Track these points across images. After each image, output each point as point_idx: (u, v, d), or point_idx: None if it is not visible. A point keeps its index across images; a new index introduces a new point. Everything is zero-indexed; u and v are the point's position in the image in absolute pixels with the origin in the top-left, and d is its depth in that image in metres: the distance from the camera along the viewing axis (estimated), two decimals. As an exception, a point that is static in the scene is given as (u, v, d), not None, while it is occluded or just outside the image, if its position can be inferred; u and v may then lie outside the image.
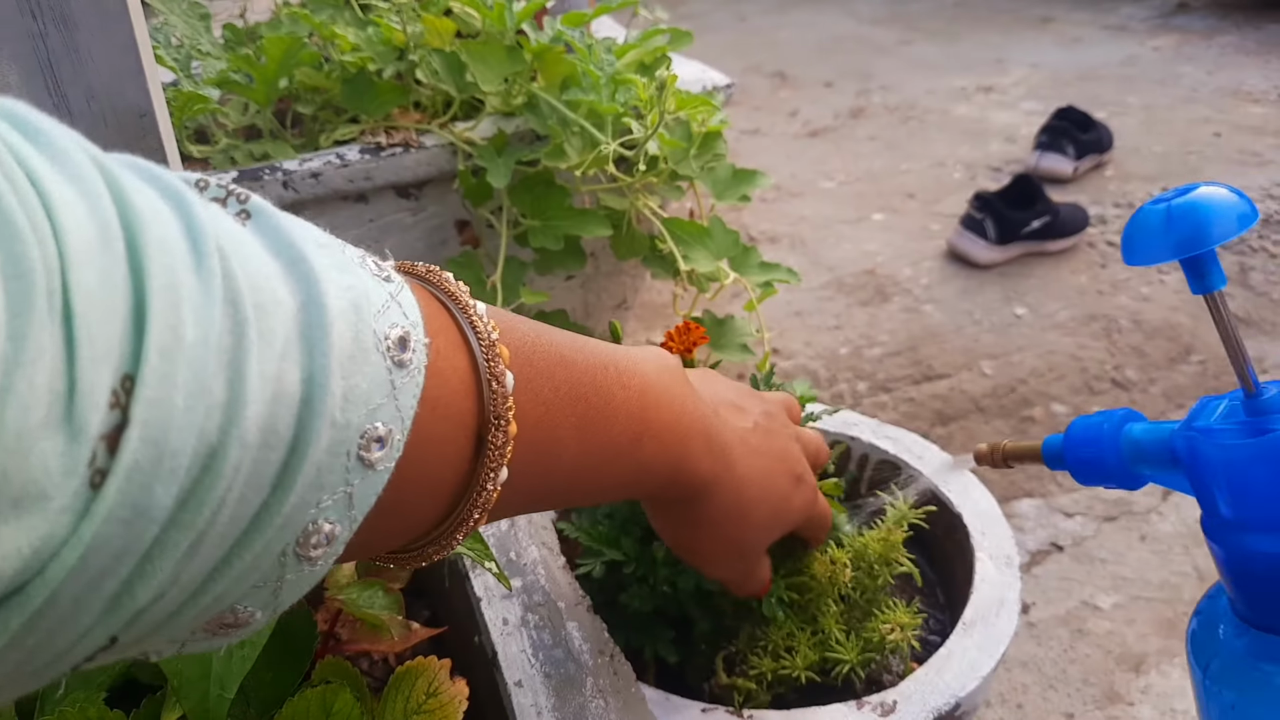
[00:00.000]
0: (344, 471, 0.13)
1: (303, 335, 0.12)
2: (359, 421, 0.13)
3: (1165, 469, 0.20)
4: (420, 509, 0.16)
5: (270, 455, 0.11)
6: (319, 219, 0.63)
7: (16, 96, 0.38)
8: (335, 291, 0.12)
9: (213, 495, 0.11)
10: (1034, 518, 0.69)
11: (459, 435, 0.15)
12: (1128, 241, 0.20)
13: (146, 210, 0.11)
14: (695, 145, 0.53)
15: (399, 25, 0.56)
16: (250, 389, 0.11)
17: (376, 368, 0.13)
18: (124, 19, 0.33)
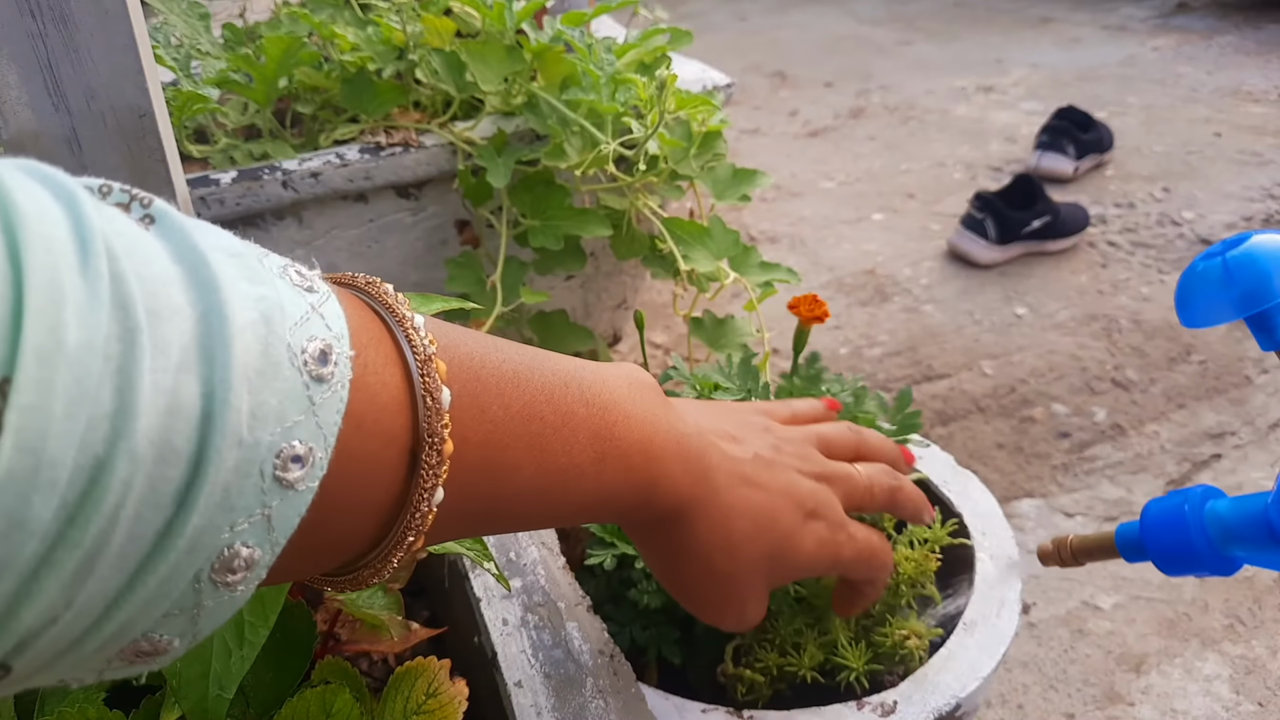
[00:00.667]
0: (259, 493, 0.12)
1: (202, 347, 0.11)
2: (271, 440, 0.12)
3: (1263, 548, 0.17)
4: (350, 531, 0.15)
5: (168, 472, 0.11)
6: (319, 219, 0.63)
7: (16, 96, 0.38)
8: (241, 302, 0.12)
9: (100, 511, 0.10)
10: (1035, 518, 0.69)
11: (389, 454, 0.14)
12: (1183, 302, 0.18)
13: (29, 206, 0.10)
14: (695, 145, 0.53)
15: (399, 25, 0.56)
16: (141, 399, 0.10)
17: (290, 383, 0.12)
18: (123, 19, 0.33)
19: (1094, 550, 0.21)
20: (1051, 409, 0.80)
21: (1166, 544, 0.19)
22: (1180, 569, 0.19)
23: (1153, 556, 0.19)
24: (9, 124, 0.34)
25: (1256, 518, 0.18)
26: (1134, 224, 1.09)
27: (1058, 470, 0.73)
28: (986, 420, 0.79)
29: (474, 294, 0.53)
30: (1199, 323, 0.18)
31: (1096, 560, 0.22)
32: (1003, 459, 0.75)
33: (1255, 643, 0.58)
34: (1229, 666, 0.56)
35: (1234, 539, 0.18)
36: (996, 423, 0.78)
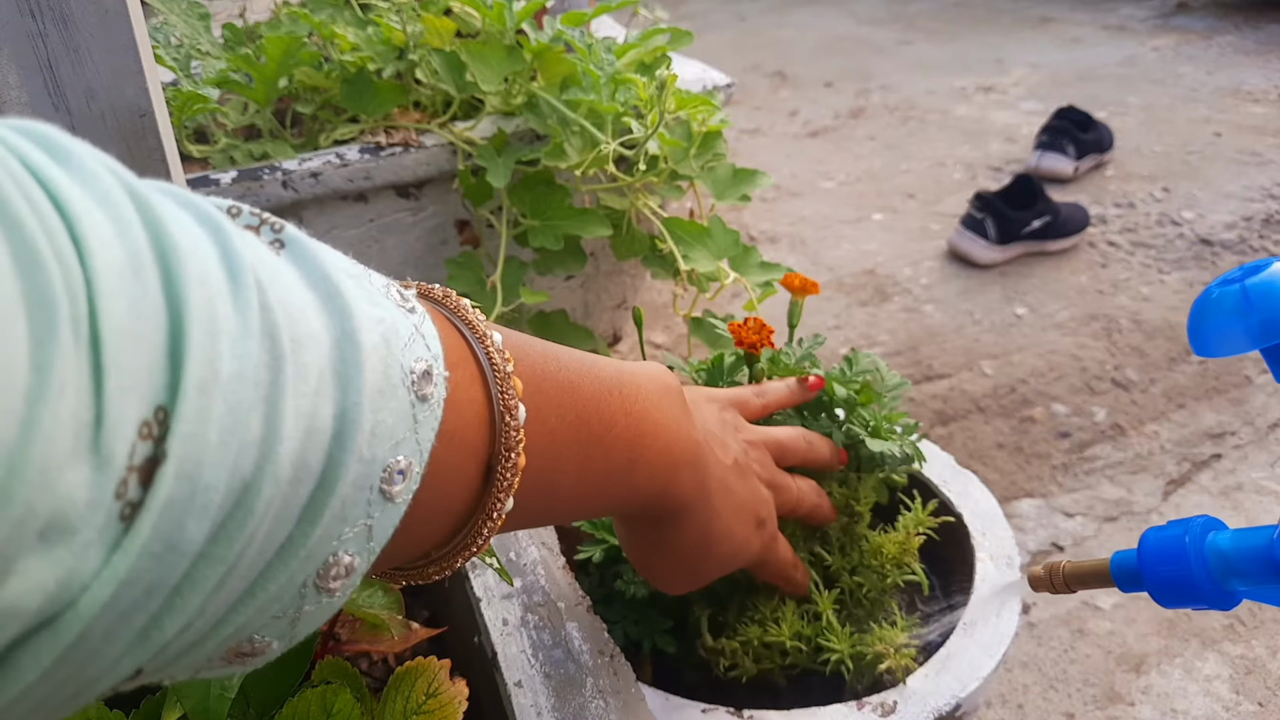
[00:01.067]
0: (366, 505, 0.13)
1: (337, 371, 0.12)
2: (383, 456, 0.13)
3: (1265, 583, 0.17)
4: (426, 534, 0.16)
5: (300, 490, 0.11)
6: (319, 218, 0.63)
7: (16, 96, 0.38)
8: (368, 326, 0.12)
9: (244, 531, 0.11)
10: (1034, 518, 0.69)
11: (469, 465, 0.16)
12: (1197, 331, 0.17)
13: (183, 239, 0.10)
14: (695, 145, 0.53)
15: (399, 25, 0.56)
16: (285, 425, 0.11)
17: (402, 402, 0.13)
18: (123, 19, 0.33)
19: (1087, 578, 0.21)
20: (1051, 409, 0.80)
21: (1165, 576, 0.18)
22: (1178, 601, 0.19)
23: (1150, 588, 0.19)
24: (9, 124, 0.34)
25: (1260, 552, 0.17)
26: (1134, 224, 1.09)
27: (1058, 470, 0.73)
28: (986, 420, 0.79)
29: (474, 294, 0.53)
30: (1213, 351, 0.17)
31: (1089, 588, 0.21)
32: (1003, 459, 0.75)
33: (1255, 643, 0.58)
34: (1229, 666, 0.56)
35: (1235, 573, 0.17)
36: (996, 423, 0.78)
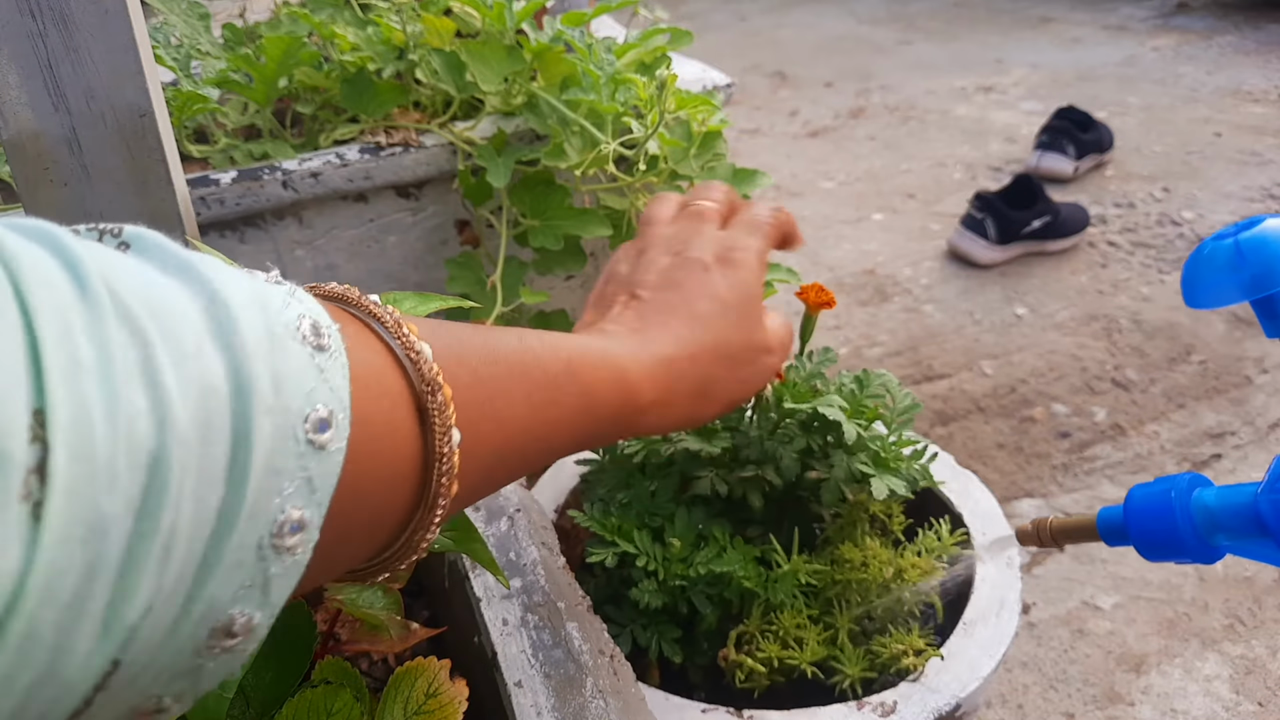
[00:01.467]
0: (297, 457, 0.13)
1: (213, 333, 0.12)
2: (298, 406, 0.13)
3: (1248, 538, 0.17)
4: (388, 489, 0.16)
5: (215, 450, 0.12)
6: (319, 219, 0.63)
7: (16, 96, 0.38)
8: (233, 289, 0.13)
9: (167, 498, 0.11)
10: (1034, 517, 0.69)
11: (400, 412, 0.16)
12: (1190, 282, 0.18)
13: (22, 253, 0.11)
14: (695, 145, 0.53)
15: (399, 25, 0.56)
16: (170, 390, 0.11)
17: (297, 354, 0.13)
18: (123, 19, 0.33)
19: (1074, 533, 0.21)
20: (1051, 409, 0.80)
21: (1150, 530, 0.19)
22: (1162, 555, 0.19)
23: (1135, 542, 0.19)
24: (9, 124, 0.34)
25: (1244, 508, 0.17)
26: (1134, 224, 1.09)
27: (1058, 470, 0.73)
28: (986, 420, 0.79)
29: (474, 294, 0.53)
30: (1204, 303, 0.18)
31: (1076, 542, 0.21)
32: (1003, 459, 0.75)
33: (1255, 643, 0.58)
34: (1229, 666, 0.56)
35: (1219, 528, 0.18)
36: (996, 423, 0.78)
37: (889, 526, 0.37)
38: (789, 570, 0.33)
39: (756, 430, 0.35)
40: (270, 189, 0.52)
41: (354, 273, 0.58)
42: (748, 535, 0.36)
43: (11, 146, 0.35)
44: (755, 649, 0.33)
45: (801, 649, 0.32)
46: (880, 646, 0.33)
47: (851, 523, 0.36)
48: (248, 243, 0.54)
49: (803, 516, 0.37)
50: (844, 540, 0.35)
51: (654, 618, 0.34)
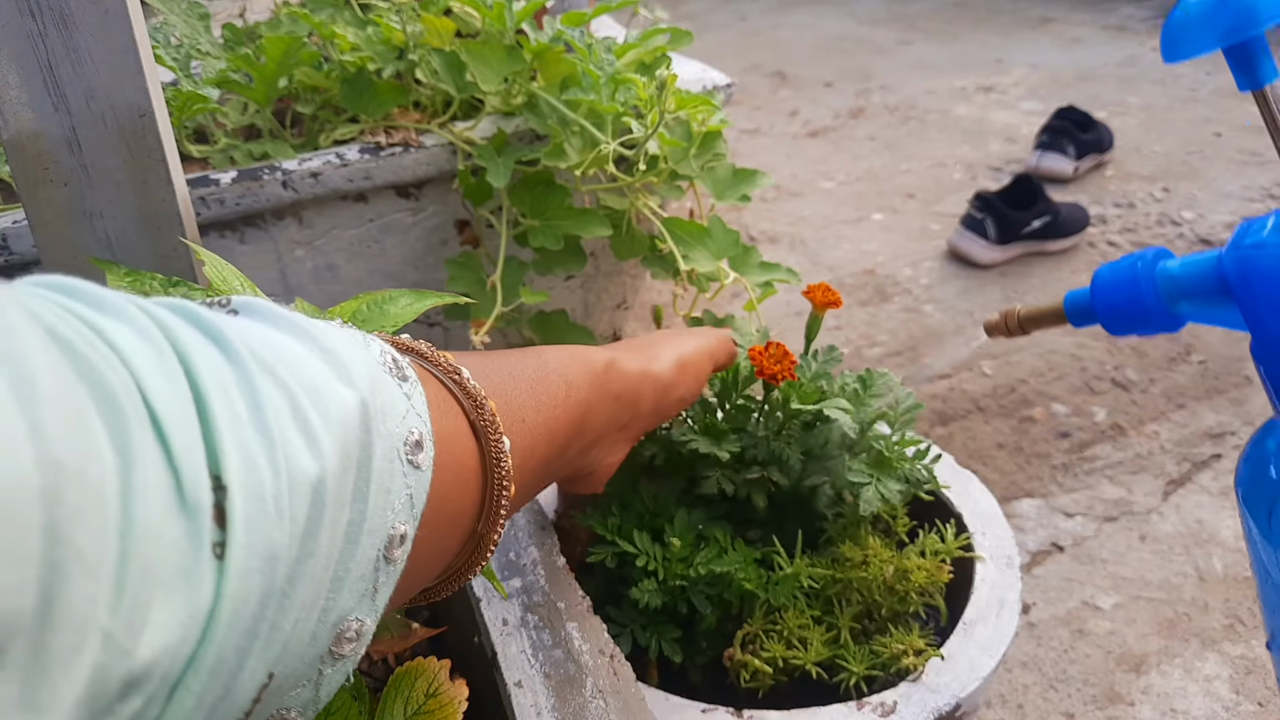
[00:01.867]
0: (402, 475, 0.15)
1: (337, 375, 0.14)
2: (399, 431, 0.15)
3: (1209, 302, 0.18)
4: (460, 496, 0.18)
5: (348, 477, 0.14)
6: (319, 218, 0.63)
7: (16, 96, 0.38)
8: (336, 338, 0.15)
9: (323, 523, 0.13)
10: (1034, 518, 0.69)
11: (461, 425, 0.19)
12: (1169, 37, 0.18)
13: (178, 327, 0.13)
14: (695, 145, 0.53)
15: (398, 25, 0.56)
16: (318, 428, 0.13)
17: (391, 385, 0.16)
18: (123, 19, 0.33)
19: (1041, 318, 0.21)
20: (1051, 409, 0.80)
21: (1116, 302, 0.19)
22: (1127, 327, 0.19)
23: (1101, 317, 0.20)
24: (9, 124, 0.34)
25: (1208, 271, 0.18)
26: (1134, 224, 1.09)
27: (1057, 470, 0.73)
28: (986, 420, 0.79)
29: (474, 293, 0.53)
30: (1182, 55, 0.18)
31: (1043, 328, 0.21)
32: (1003, 459, 0.75)
33: (1255, 643, 0.58)
34: (1229, 667, 0.56)
35: (1183, 294, 0.18)
36: (996, 423, 0.78)
37: (892, 528, 0.37)
38: (792, 573, 0.33)
39: (763, 430, 0.35)
40: (270, 189, 0.52)
41: (354, 272, 0.59)
42: (749, 537, 0.36)
43: (11, 146, 0.35)
44: (760, 649, 0.33)
45: (806, 649, 0.32)
46: (881, 646, 0.33)
47: (854, 522, 0.36)
48: (248, 243, 0.54)
49: (804, 515, 0.37)
50: (845, 540, 0.35)
51: (654, 617, 0.34)
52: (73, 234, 0.36)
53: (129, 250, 0.37)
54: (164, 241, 0.37)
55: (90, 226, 0.37)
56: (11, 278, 0.41)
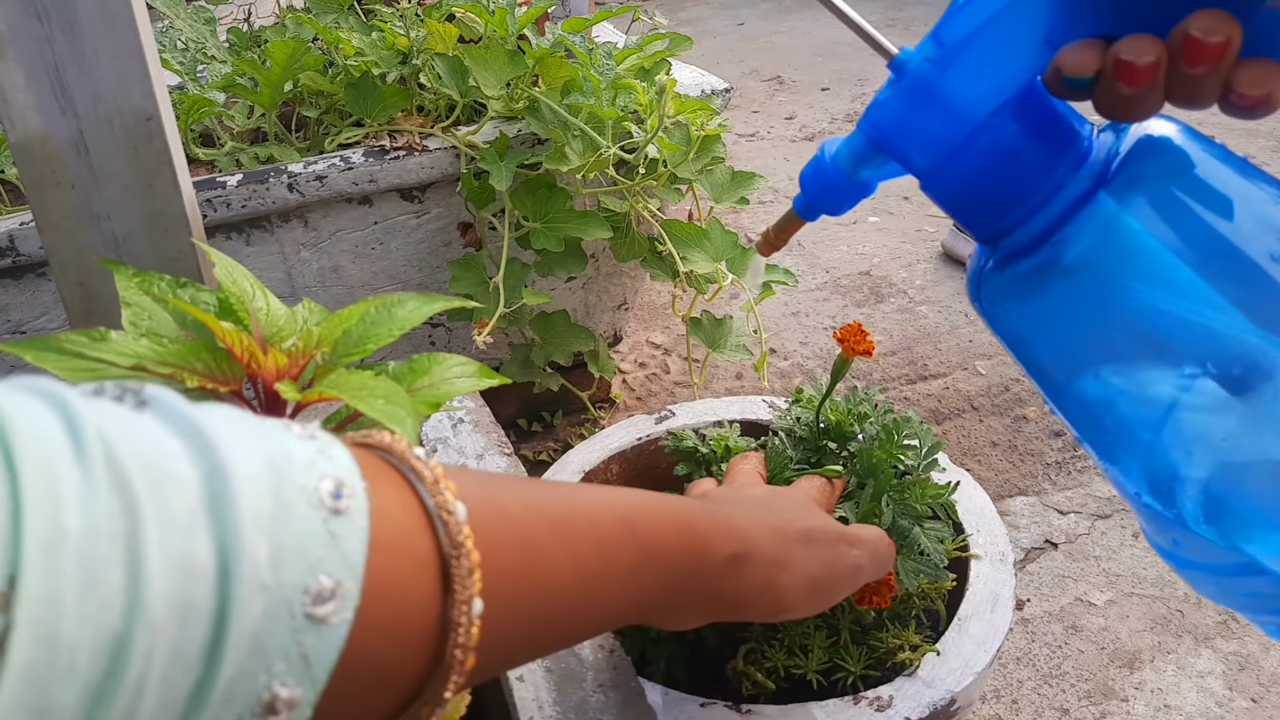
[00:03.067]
0: (291, 632, 0.12)
1: (208, 506, 0.12)
2: (297, 579, 0.12)
3: (874, 162, 0.21)
4: (396, 661, 0.15)
5: (191, 633, 0.11)
6: (324, 221, 0.63)
7: (23, 100, 0.38)
8: (244, 456, 0.12)
9: (123, 684, 0.10)
10: (1028, 515, 0.70)
11: (423, 576, 0.15)
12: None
13: (15, 412, 0.11)
14: (694, 149, 0.54)
15: (402, 30, 0.57)
16: (150, 570, 0.11)
17: (308, 521, 0.13)
18: (130, 23, 0.34)
19: (786, 225, 0.25)
20: (1045, 408, 0.80)
21: (818, 189, 0.22)
22: (836, 206, 0.23)
23: (818, 205, 0.23)
24: (16, 127, 0.35)
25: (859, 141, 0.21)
26: (1127, 226, 1.10)
27: (1051, 468, 0.74)
28: (980, 419, 0.79)
29: (477, 295, 0.53)
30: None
31: (791, 233, 0.25)
32: (996, 457, 0.75)
33: (1248, 639, 0.58)
34: (1222, 663, 0.57)
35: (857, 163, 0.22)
36: (990, 421, 0.79)
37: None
38: None
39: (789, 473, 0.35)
40: (276, 192, 0.52)
41: (359, 274, 0.59)
42: None
43: (19, 149, 0.35)
44: (761, 658, 0.33)
45: (807, 657, 0.33)
46: (877, 641, 0.33)
47: None
48: (254, 245, 0.55)
49: None
50: None
51: (661, 637, 0.34)
52: (80, 236, 0.37)
53: (136, 252, 0.38)
54: (171, 244, 0.38)
55: (97, 228, 0.37)
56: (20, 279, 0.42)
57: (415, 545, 0.15)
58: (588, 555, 0.18)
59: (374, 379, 0.23)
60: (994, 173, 0.20)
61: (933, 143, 0.19)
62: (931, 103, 0.19)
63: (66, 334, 0.22)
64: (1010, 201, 0.20)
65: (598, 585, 0.18)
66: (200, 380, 0.22)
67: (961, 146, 0.19)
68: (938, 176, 0.20)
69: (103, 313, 0.37)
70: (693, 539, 0.20)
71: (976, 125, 0.19)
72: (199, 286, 0.30)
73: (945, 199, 0.20)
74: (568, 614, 0.18)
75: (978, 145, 0.19)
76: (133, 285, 0.28)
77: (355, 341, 0.26)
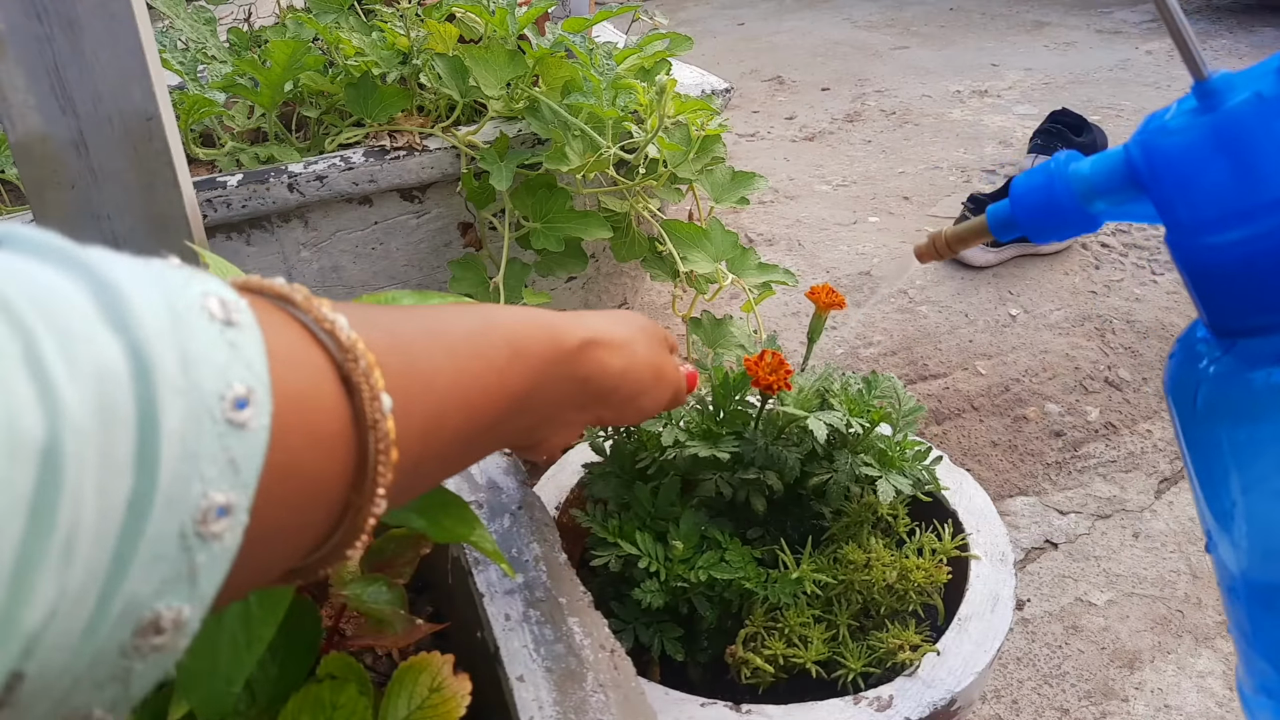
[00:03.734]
0: (216, 438, 0.12)
1: (105, 317, 0.11)
2: (212, 386, 0.12)
3: (1121, 195, 0.18)
4: (319, 467, 0.15)
5: (118, 436, 0.11)
6: (324, 221, 0.63)
7: (23, 100, 0.38)
8: (123, 272, 0.12)
9: (63, 493, 0.10)
10: (1028, 515, 0.70)
11: (324, 382, 0.15)
12: None
13: None
14: (694, 149, 0.54)
15: (402, 30, 0.57)
16: (58, 378, 0.10)
17: (206, 331, 0.13)
18: (130, 23, 0.34)
19: (968, 237, 0.22)
20: (1045, 408, 0.80)
21: (1034, 208, 0.19)
22: (1048, 232, 0.19)
23: (1022, 225, 0.20)
24: (16, 127, 0.35)
25: (1116, 165, 0.18)
26: (1126, 225, 1.10)
27: (1051, 468, 0.74)
28: (981, 419, 0.79)
29: (477, 295, 0.53)
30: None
31: (971, 245, 0.22)
32: (997, 457, 0.75)
33: (1246, 639, 0.58)
34: (1222, 663, 0.57)
35: (1097, 192, 0.18)
36: (990, 421, 0.79)
37: (894, 527, 0.37)
38: (797, 576, 0.34)
39: (763, 438, 0.35)
40: (276, 192, 0.52)
41: (359, 274, 0.59)
42: (748, 536, 0.37)
43: (19, 149, 0.35)
44: (761, 646, 0.33)
45: (806, 647, 0.33)
46: (878, 641, 0.34)
47: (858, 522, 0.36)
48: (254, 245, 0.55)
49: (804, 516, 0.38)
50: (848, 540, 0.36)
51: (655, 616, 0.35)
52: (80, 235, 0.37)
53: (137, 251, 0.37)
54: (172, 243, 0.38)
55: (98, 228, 0.37)
56: (21, 279, 0.40)
57: (309, 355, 0.15)
58: (461, 352, 0.19)
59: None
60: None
61: (1220, 197, 0.15)
62: (1245, 149, 0.15)
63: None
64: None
65: (477, 383, 0.20)
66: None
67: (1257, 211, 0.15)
68: (1205, 237, 0.16)
69: (102, 313, 0.36)
70: (552, 330, 0.23)
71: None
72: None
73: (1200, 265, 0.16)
74: (458, 409, 0.19)
75: None
76: (132, 285, 0.28)
77: (354, 341, 0.26)
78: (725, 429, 0.37)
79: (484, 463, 0.37)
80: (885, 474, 0.34)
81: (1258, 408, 0.17)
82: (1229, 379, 0.17)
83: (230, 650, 0.23)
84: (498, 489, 0.35)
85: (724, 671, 0.35)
